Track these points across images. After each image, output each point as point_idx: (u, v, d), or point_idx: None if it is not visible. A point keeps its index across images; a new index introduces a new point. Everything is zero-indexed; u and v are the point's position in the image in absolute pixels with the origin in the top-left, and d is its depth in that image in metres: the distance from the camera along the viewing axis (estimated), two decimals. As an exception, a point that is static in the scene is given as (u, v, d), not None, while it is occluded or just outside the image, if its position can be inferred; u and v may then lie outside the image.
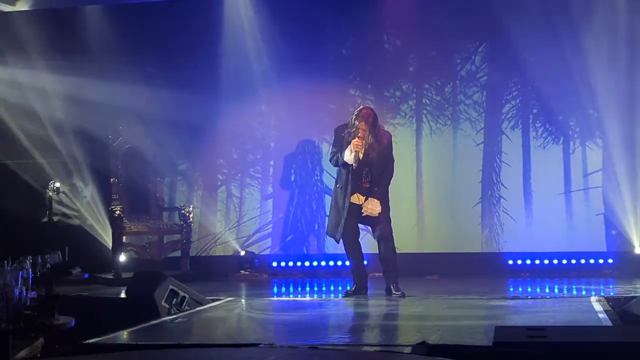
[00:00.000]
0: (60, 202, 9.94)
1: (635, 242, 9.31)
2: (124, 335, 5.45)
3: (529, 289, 8.23)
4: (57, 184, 9.57)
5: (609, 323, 5.52)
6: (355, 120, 7.53)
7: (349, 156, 7.47)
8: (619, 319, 5.80)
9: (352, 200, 7.60)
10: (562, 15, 9.38)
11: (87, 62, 10.08)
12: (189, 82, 10.08)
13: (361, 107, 7.82)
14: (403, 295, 7.41)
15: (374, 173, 7.61)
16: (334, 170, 10.00)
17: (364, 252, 7.84)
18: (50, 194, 9.46)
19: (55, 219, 9.69)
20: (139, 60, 9.98)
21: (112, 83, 9.94)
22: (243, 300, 7.54)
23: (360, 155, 7.46)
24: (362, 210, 7.57)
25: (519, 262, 9.52)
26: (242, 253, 10.01)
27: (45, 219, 9.43)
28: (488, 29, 9.82)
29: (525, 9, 9.45)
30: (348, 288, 7.81)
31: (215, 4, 10.21)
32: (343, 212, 7.59)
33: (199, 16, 10.17)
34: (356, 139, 7.43)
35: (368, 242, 8.25)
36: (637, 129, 9.31)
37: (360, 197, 7.60)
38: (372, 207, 7.53)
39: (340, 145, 7.63)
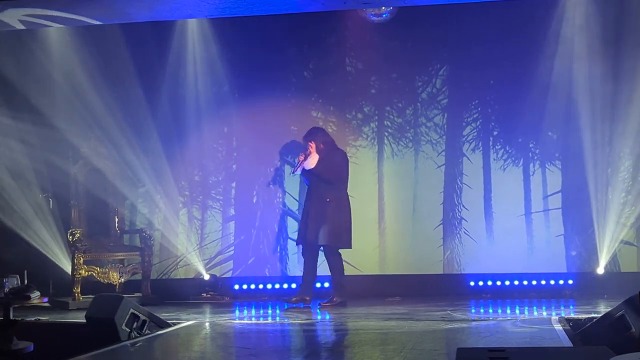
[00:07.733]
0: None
1: (595, 263, 9.40)
2: (83, 360, 5.38)
3: (491, 310, 8.26)
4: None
5: (570, 344, 5.56)
6: None
7: None
8: (579, 339, 5.84)
9: None
10: (522, 39, 9.50)
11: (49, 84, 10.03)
12: (151, 104, 10.04)
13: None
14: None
15: None
16: (295, 192, 10.06)
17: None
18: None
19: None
20: (100, 83, 9.90)
21: (73, 104, 9.89)
22: (205, 324, 7.48)
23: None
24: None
25: (481, 283, 9.57)
26: (207, 277, 9.93)
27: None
28: (449, 53, 9.91)
29: (485, 33, 9.55)
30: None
31: (177, 27, 10.18)
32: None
33: (161, 38, 10.13)
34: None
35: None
36: (596, 151, 9.41)
37: None
38: None
39: None
